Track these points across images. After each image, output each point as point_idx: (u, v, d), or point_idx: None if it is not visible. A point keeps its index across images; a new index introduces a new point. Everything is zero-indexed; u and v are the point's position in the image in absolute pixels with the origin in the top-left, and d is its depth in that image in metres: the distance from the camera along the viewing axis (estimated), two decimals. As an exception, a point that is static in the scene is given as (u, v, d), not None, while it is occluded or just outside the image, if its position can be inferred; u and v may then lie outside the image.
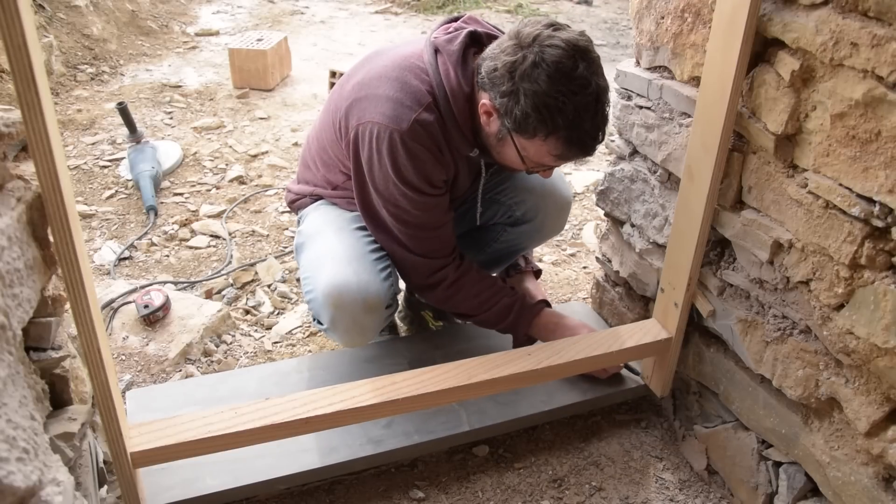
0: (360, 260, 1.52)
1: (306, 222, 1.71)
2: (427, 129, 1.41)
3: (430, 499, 1.52)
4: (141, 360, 1.84)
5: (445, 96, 1.42)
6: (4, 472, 0.69)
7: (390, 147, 1.41)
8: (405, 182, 1.44)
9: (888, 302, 1.04)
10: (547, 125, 1.29)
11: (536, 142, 1.33)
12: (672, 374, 1.62)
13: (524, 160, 1.40)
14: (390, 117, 1.40)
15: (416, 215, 1.49)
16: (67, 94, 3.69)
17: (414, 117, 1.39)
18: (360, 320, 1.50)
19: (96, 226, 2.55)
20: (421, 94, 1.41)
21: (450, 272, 1.56)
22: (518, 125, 1.32)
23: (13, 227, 0.88)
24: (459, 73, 1.41)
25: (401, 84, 1.42)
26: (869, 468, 1.15)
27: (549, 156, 1.36)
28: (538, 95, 1.26)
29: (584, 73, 1.27)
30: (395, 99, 1.41)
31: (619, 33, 5.55)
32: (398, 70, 1.45)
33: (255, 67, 3.89)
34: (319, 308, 1.52)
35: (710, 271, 1.45)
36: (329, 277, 1.49)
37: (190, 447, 1.23)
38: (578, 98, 1.27)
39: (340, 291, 1.47)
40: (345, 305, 1.47)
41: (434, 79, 1.43)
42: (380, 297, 1.50)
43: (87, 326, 1.00)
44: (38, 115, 0.83)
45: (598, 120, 1.31)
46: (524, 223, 1.77)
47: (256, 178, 2.96)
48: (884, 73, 0.99)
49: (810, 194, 1.16)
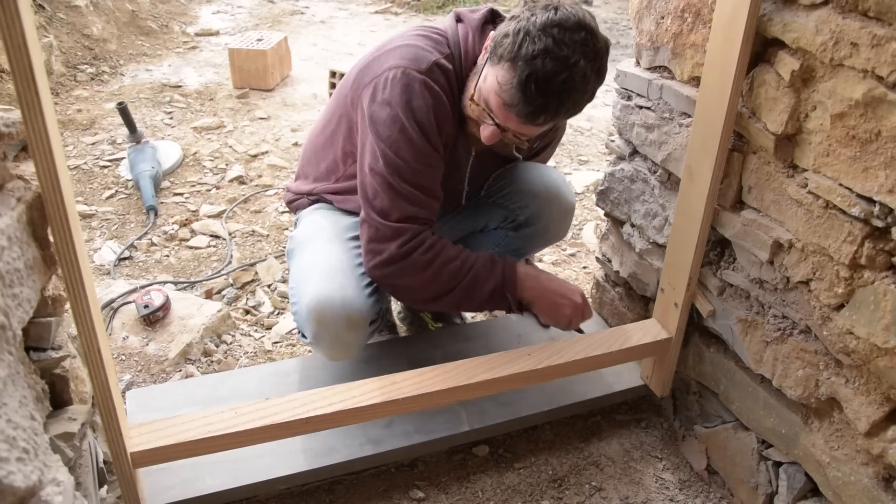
0: (345, 274, 1.49)
1: (300, 227, 1.69)
2: (445, 74, 1.42)
3: (430, 499, 1.52)
4: (141, 360, 1.84)
5: (461, 56, 1.45)
6: (4, 472, 0.69)
7: (407, 85, 1.39)
8: (416, 122, 1.39)
9: (888, 302, 1.04)
10: (512, 50, 1.27)
11: (496, 69, 1.31)
12: (672, 374, 1.62)
13: (476, 91, 1.37)
14: (410, 59, 1.41)
15: (416, 169, 1.42)
16: (67, 94, 3.69)
17: (434, 59, 1.41)
18: (342, 337, 1.47)
19: (96, 226, 2.55)
20: (439, 46, 1.44)
21: (427, 237, 1.48)
22: (494, 47, 1.32)
23: (13, 227, 0.88)
24: (477, 38, 1.45)
25: (420, 38, 1.46)
26: (869, 468, 1.15)
27: (496, 86, 1.30)
28: (527, 23, 1.27)
29: (577, 41, 1.25)
30: (414, 45, 1.43)
31: (619, 33, 5.55)
32: (418, 30, 1.49)
33: (255, 67, 3.89)
34: (303, 322, 1.49)
35: (710, 271, 1.45)
36: (313, 291, 1.45)
37: (190, 447, 1.23)
38: (555, 49, 1.24)
39: (323, 307, 1.43)
40: (327, 321, 1.44)
41: (452, 40, 1.46)
42: (363, 313, 1.46)
43: (87, 326, 1.00)
44: (38, 115, 0.83)
45: (556, 82, 1.25)
46: (527, 227, 1.76)
47: (256, 178, 2.96)
48: (884, 73, 0.99)
49: (810, 194, 1.16)
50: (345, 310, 1.44)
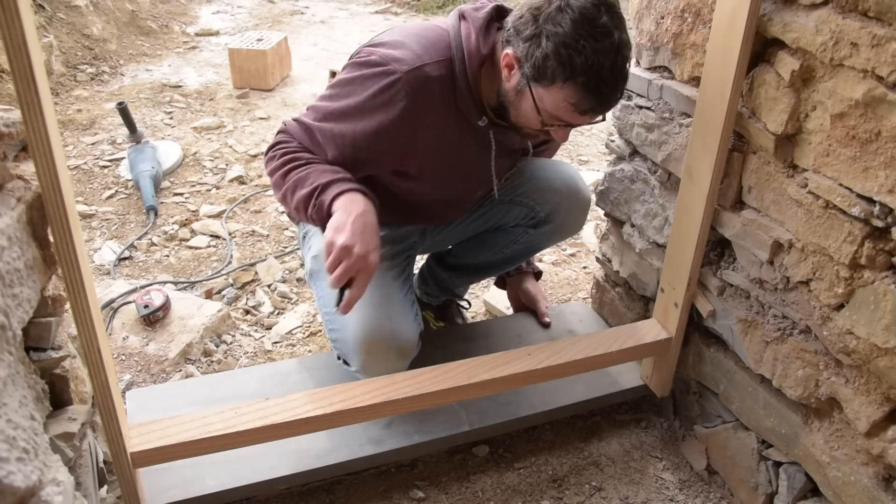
0: (390, 301, 1.46)
1: (318, 243, 1.58)
2: (426, 83, 1.37)
3: (430, 499, 1.52)
4: (141, 360, 1.84)
5: (462, 57, 1.41)
6: (4, 472, 0.69)
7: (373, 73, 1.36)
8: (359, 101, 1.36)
9: (888, 302, 1.04)
10: (565, 69, 1.26)
11: (553, 90, 1.30)
12: (672, 374, 1.62)
13: (540, 112, 1.35)
14: (393, 57, 1.37)
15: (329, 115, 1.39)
16: (67, 94, 3.69)
17: (419, 65, 1.36)
18: (391, 365, 1.45)
19: (96, 226, 2.55)
20: (436, 49, 1.40)
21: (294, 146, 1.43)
22: (537, 71, 1.29)
23: (13, 227, 0.88)
24: (481, 37, 1.40)
25: (417, 38, 1.41)
26: (869, 468, 1.15)
27: (565, 104, 1.31)
28: (559, 37, 1.25)
29: (607, 22, 1.25)
30: (405, 44, 1.39)
31: (619, 33, 5.54)
32: (418, 28, 1.45)
33: (255, 67, 3.89)
34: (349, 353, 1.46)
35: (710, 271, 1.45)
36: (360, 323, 1.42)
37: (190, 447, 1.23)
38: (599, 44, 1.25)
39: (374, 339, 1.41)
40: (378, 352, 1.42)
41: (454, 39, 1.42)
42: (412, 341, 1.46)
43: (87, 326, 1.00)
44: (38, 115, 0.83)
45: (616, 71, 1.27)
46: (546, 224, 1.75)
47: (256, 178, 2.96)
48: (884, 73, 0.99)
49: (810, 194, 1.16)
50: (396, 341, 1.43)
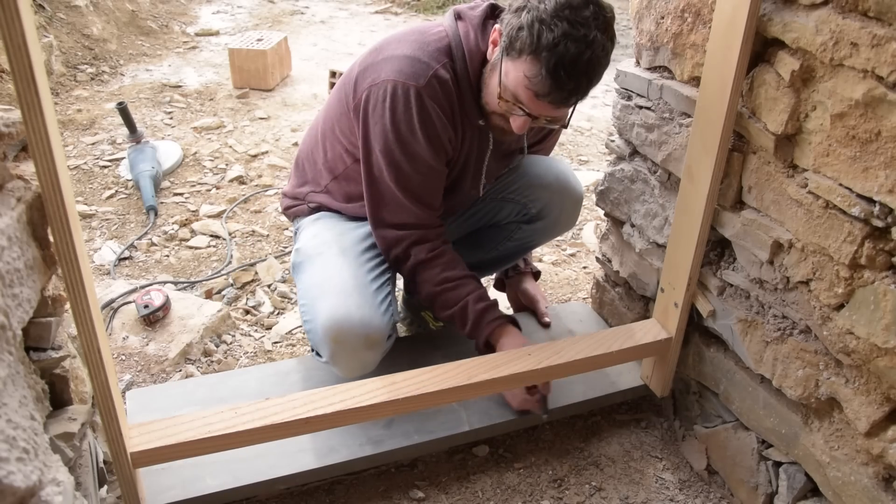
0: (361, 291, 1.48)
1: (305, 237, 1.65)
2: (443, 87, 1.42)
3: (430, 499, 1.52)
4: (141, 360, 1.84)
5: (463, 56, 1.43)
6: (4, 472, 0.69)
7: (406, 102, 1.40)
8: (415, 139, 1.42)
9: (888, 302, 1.04)
10: (532, 42, 1.26)
11: (518, 63, 1.30)
12: (672, 374, 1.62)
13: (501, 88, 1.36)
14: (408, 74, 1.40)
15: (417, 181, 1.47)
16: (67, 94, 3.69)
17: (432, 73, 1.40)
18: (361, 356, 1.47)
19: (96, 226, 2.55)
20: (439, 52, 1.43)
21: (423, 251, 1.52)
22: (510, 41, 1.30)
23: (13, 227, 0.88)
24: (479, 34, 1.43)
25: (419, 44, 1.43)
26: (869, 468, 1.15)
27: (524, 80, 1.30)
28: (539, 11, 1.26)
29: (588, 17, 1.26)
30: (412, 56, 1.42)
31: (619, 33, 5.52)
32: (415, 33, 1.47)
33: (255, 67, 3.89)
34: (319, 342, 1.48)
35: (710, 271, 1.45)
36: (329, 311, 1.44)
37: (190, 447, 1.23)
38: (572, 30, 1.25)
39: (341, 327, 1.42)
40: (346, 341, 1.44)
41: (453, 39, 1.44)
42: (381, 331, 1.47)
43: (87, 326, 1.00)
44: (38, 115, 0.83)
45: (581, 62, 1.26)
46: (539, 220, 1.77)
47: (256, 178, 2.96)
48: (884, 73, 0.99)
49: (810, 194, 1.16)
50: (363, 328, 1.44)
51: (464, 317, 1.53)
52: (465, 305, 1.52)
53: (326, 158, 1.66)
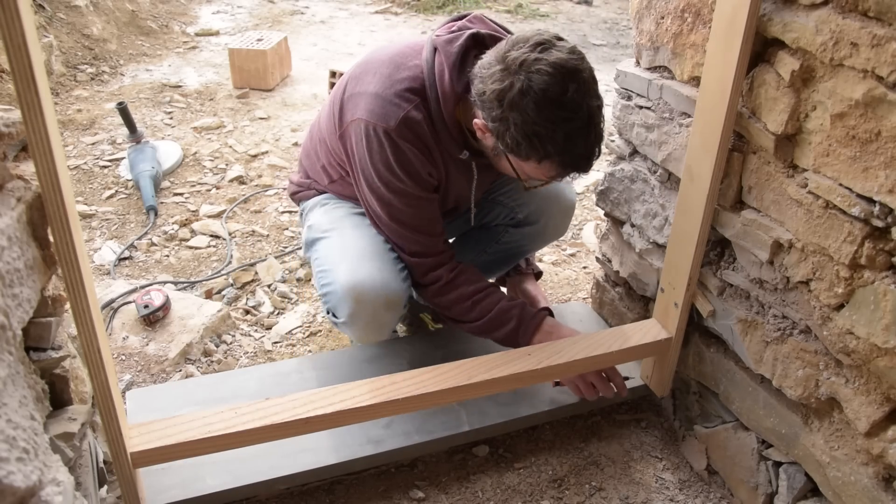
0: (381, 258, 1.53)
1: (316, 216, 1.69)
2: (415, 129, 1.41)
3: (430, 499, 1.52)
4: (141, 360, 1.84)
5: (437, 97, 1.41)
6: (4, 472, 0.69)
7: (379, 144, 1.41)
8: (396, 178, 1.44)
9: (888, 302, 1.04)
10: (538, 152, 1.27)
11: (531, 164, 1.32)
12: (672, 374, 1.62)
13: (520, 176, 1.40)
14: (378, 115, 1.40)
15: (409, 214, 1.50)
16: (67, 94, 3.69)
17: (402, 115, 1.39)
18: (380, 316, 1.52)
19: (96, 226, 2.55)
20: (410, 92, 1.41)
21: (443, 273, 1.55)
22: (511, 150, 1.31)
23: (13, 227, 0.88)
24: (455, 75, 1.40)
25: (391, 82, 1.42)
26: (869, 468, 1.15)
27: (543, 176, 1.35)
28: (527, 125, 1.24)
29: (573, 97, 1.23)
30: (383, 96, 1.41)
31: (619, 33, 5.54)
32: (391, 67, 1.44)
33: (255, 67, 3.89)
34: (338, 301, 1.51)
35: (710, 271, 1.45)
36: (351, 272, 1.49)
37: (190, 447, 1.23)
38: (569, 125, 1.24)
39: (364, 285, 1.48)
40: (366, 300, 1.48)
41: (428, 78, 1.42)
42: (400, 294, 1.52)
43: (87, 326, 1.00)
44: (38, 115, 0.83)
45: (590, 141, 1.28)
46: (527, 225, 1.76)
47: (256, 178, 2.96)
48: (884, 73, 0.99)
49: (810, 194, 1.16)
50: (384, 289, 1.49)
51: (503, 319, 1.55)
52: (502, 309, 1.55)
53: (323, 164, 1.70)
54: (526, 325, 1.55)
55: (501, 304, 1.56)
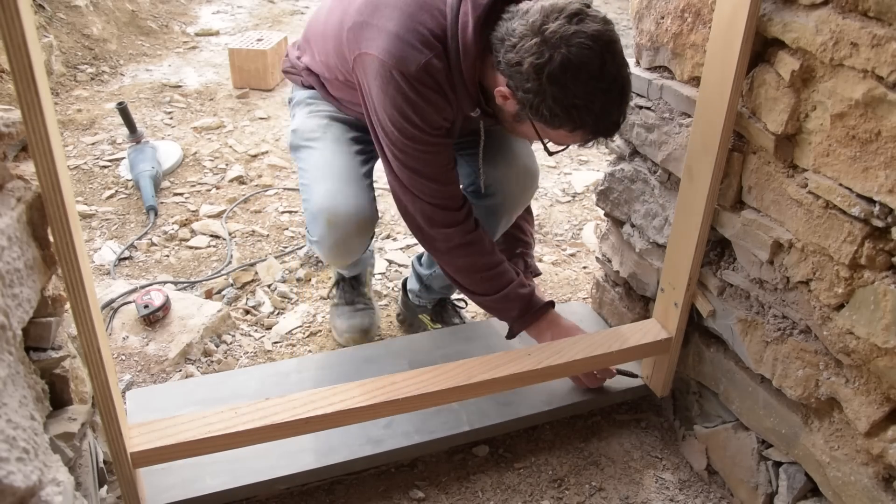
0: (356, 182, 1.59)
1: (301, 118, 1.72)
2: (435, 76, 1.36)
3: (430, 499, 1.52)
4: (141, 360, 1.84)
5: (457, 49, 1.36)
6: (4, 472, 0.69)
7: (395, 87, 1.36)
8: (411, 123, 1.39)
9: (888, 302, 1.04)
10: (575, 122, 1.28)
11: (562, 132, 1.33)
12: (672, 374, 1.62)
13: (543, 140, 1.40)
14: (398, 58, 1.34)
15: (422, 161, 1.45)
16: (67, 94, 3.69)
17: (424, 61, 1.34)
18: (349, 240, 1.59)
19: (96, 226, 2.55)
20: (430, 37, 1.35)
21: (455, 234, 1.51)
22: (544, 120, 1.30)
23: (13, 227, 0.88)
24: (479, 30, 1.34)
25: (413, 23, 1.35)
26: (869, 468, 1.15)
27: (573, 142, 1.37)
28: (567, 98, 1.24)
29: (610, 69, 1.25)
30: (403, 38, 1.34)
31: (619, 33, 5.52)
32: (414, 6, 1.37)
33: (255, 67, 3.89)
34: (312, 220, 1.59)
35: (710, 271, 1.45)
36: (325, 194, 1.55)
37: (190, 447, 1.23)
38: (606, 96, 1.26)
39: (337, 209, 1.54)
40: (338, 223, 1.55)
41: (451, 28, 1.36)
42: (371, 220, 1.59)
43: (87, 326, 1.00)
44: (38, 115, 0.83)
45: (623, 109, 1.30)
46: (488, 198, 1.69)
47: (256, 178, 2.96)
48: (884, 73, 0.99)
49: (810, 194, 1.16)
50: (357, 215, 1.56)
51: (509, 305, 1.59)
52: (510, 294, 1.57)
53: (326, 57, 1.61)
54: (527, 314, 1.60)
55: (510, 289, 1.57)
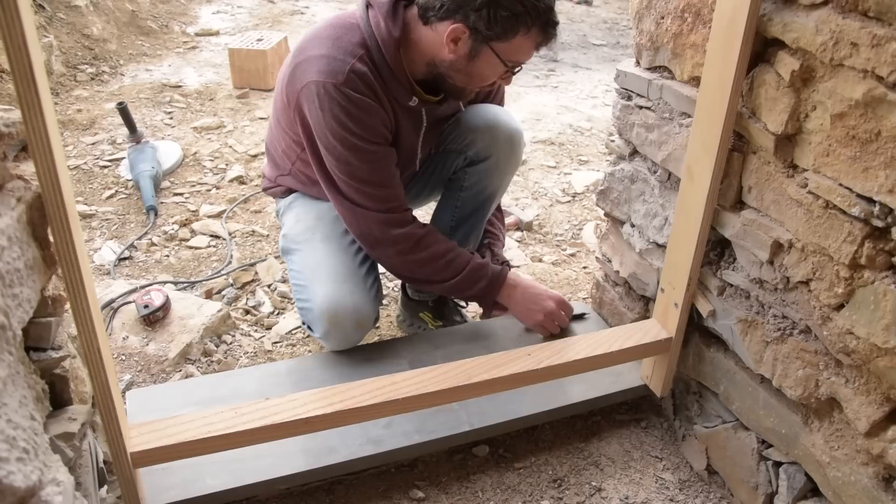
0: (352, 278, 1.66)
1: (288, 222, 1.83)
2: (363, 79, 1.49)
3: (430, 499, 1.52)
4: (141, 360, 1.84)
5: (378, 46, 1.50)
6: (4, 472, 0.69)
7: (330, 100, 1.47)
8: (350, 132, 1.50)
9: (888, 302, 1.04)
10: (531, 16, 1.41)
11: (517, 40, 1.44)
12: (672, 374, 1.62)
13: (505, 63, 1.49)
14: (327, 72, 1.47)
15: (366, 169, 1.55)
16: (67, 94, 3.69)
17: (348, 68, 1.47)
18: (350, 335, 1.67)
19: (96, 226, 2.55)
20: (352, 46, 1.49)
21: (414, 230, 1.63)
22: (501, 30, 1.42)
23: (13, 227, 0.88)
24: (389, 22, 1.49)
25: (332, 40, 1.50)
26: (869, 468, 1.15)
27: (529, 48, 1.48)
28: None
29: None
30: (327, 55, 1.49)
31: (619, 33, 5.55)
32: (330, 29, 1.54)
33: (255, 67, 3.89)
34: (314, 320, 1.66)
35: (710, 271, 1.46)
36: (326, 296, 1.63)
37: (190, 447, 1.23)
38: None
39: (337, 311, 1.62)
40: (339, 323, 1.63)
41: (366, 31, 1.50)
42: (370, 316, 1.68)
43: (87, 326, 1.00)
44: (38, 115, 0.83)
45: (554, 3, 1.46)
46: (480, 162, 1.81)
47: (256, 178, 2.96)
48: (884, 73, 0.99)
49: (810, 194, 1.16)
50: (355, 313, 1.64)
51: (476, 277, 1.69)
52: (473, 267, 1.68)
53: (283, 146, 1.77)
54: (494, 281, 1.71)
55: (472, 263, 1.68)
